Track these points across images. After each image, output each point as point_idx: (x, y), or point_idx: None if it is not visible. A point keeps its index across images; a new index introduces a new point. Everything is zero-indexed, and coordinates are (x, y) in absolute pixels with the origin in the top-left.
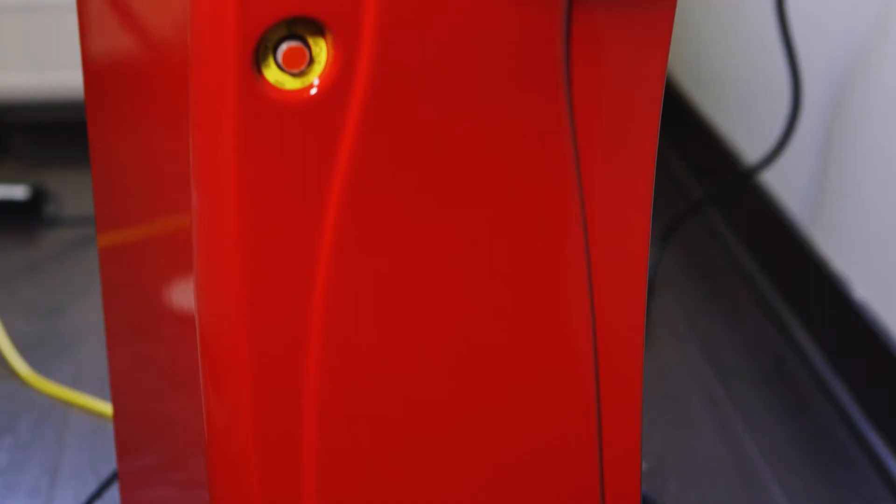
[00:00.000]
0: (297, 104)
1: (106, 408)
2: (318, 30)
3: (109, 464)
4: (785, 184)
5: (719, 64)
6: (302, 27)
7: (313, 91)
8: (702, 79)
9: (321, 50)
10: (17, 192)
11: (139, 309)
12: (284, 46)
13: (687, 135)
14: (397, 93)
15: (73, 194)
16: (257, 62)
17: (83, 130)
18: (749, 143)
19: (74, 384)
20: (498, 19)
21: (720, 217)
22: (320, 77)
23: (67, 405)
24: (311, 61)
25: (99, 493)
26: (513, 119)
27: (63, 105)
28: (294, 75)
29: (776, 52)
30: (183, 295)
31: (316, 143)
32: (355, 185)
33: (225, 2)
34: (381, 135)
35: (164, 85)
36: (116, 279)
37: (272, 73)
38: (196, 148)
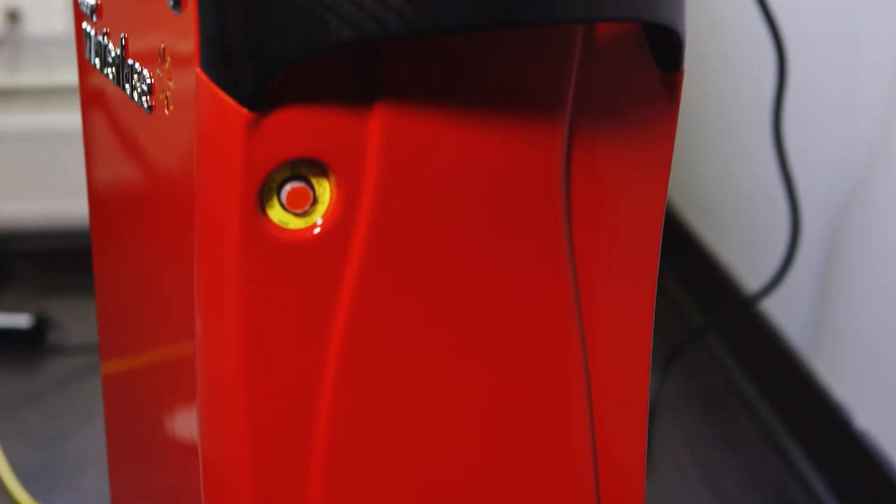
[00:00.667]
0: (301, 243)
1: None
2: (322, 170)
3: None
4: (785, 312)
5: (718, 191)
6: (305, 168)
7: (317, 230)
8: (701, 206)
9: (324, 190)
10: (20, 320)
11: (142, 438)
12: (288, 187)
13: (687, 262)
14: (399, 230)
15: (77, 322)
16: (261, 203)
17: (87, 258)
18: (749, 270)
19: None
20: (498, 157)
21: (721, 344)
22: (324, 216)
23: None
24: (315, 201)
25: None
26: (513, 252)
27: (67, 233)
28: (298, 215)
29: (775, 180)
30: (186, 425)
31: (319, 279)
32: (358, 321)
33: (230, 144)
34: (384, 270)
35: (169, 216)
36: (119, 408)
37: (276, 213)
38: (200, 284)
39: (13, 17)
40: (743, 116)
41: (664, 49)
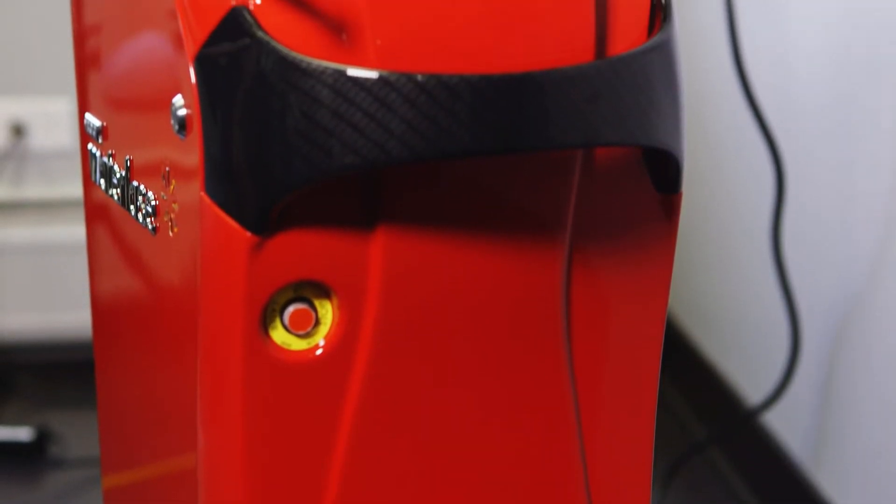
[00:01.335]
0: (303, 364)
1: None
2: (324, 292)
3: None
4: (787, 424)
5: (719, 304)
6: (308, 290)
7: (319, 351)
8: (702, 318)
9: (327, 312)
10: (21, 433)
11: None
12: (291, 309)
13: (688, 374)
14: (401, 350)
15: (78, 435)
16: (264, 324)
17: (89, 371)
18: (750, 382)
19: None
20: (499, 277)
21: (722, 457)
22: (326, 338)
23: None
24: (317, 322)
25: None
26: (514, 370)
27: (69, 346)
28: (300, 336)
29: (775, 294)
30: None
31: (321, 399)
32: (360, 440)
33: (233, 266)
34: (385, 390)
35: (172, 333)
36: None
37: (279, 335)
38: (203, 403)
39: (18, 131)
40: (742, 232)
41: (663, 172)
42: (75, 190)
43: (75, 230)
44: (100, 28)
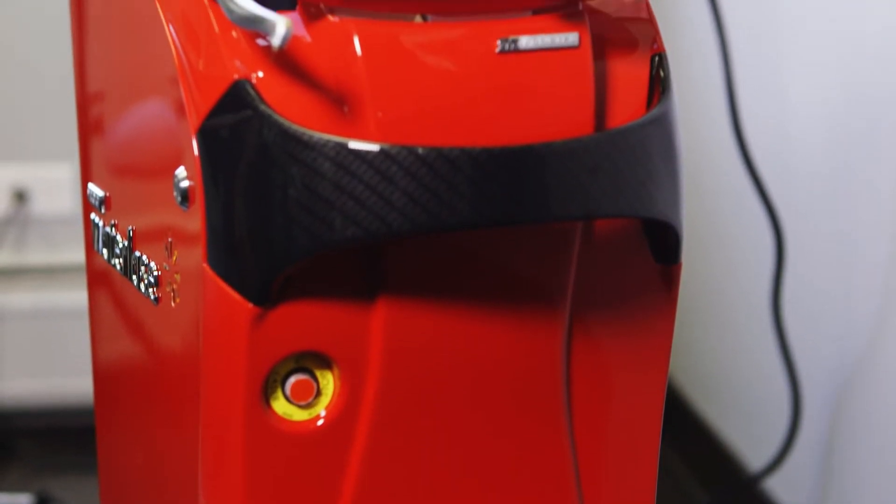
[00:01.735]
0: (305, 435)
1: None
2: (326, 363)
3: None
4: (789, 490)
5: (720, 370)
6: (310, 360)
7: (320, 422)
8: (703, 384)
9: (328, 382)
10: (21, 500)
11: None
12: (293, 379)
13: (689, 440)
14: (401, 421)
15: (79, 502)
16: (266, 395)
17: (91, 437)
18: (752, 447)
19: None
20: (500, 347)
21: None
22: (327, 408)
23: None
24: (319, 393)
25: None
26: (514, 437)
27: (71, 411)
28: (301, 407)
29: (775, 360)
30: None
31: (323, 469)
32: None
33: (235, 338)
34: (386, 459)
35: (174, 401)
36: None
37: (280, 406)
38: (205, 472)
39: (20, 197)
40: (742, 298)
41: (662, 243)
42: (77, 255)
43: (77, 296)
44: (103, 95)
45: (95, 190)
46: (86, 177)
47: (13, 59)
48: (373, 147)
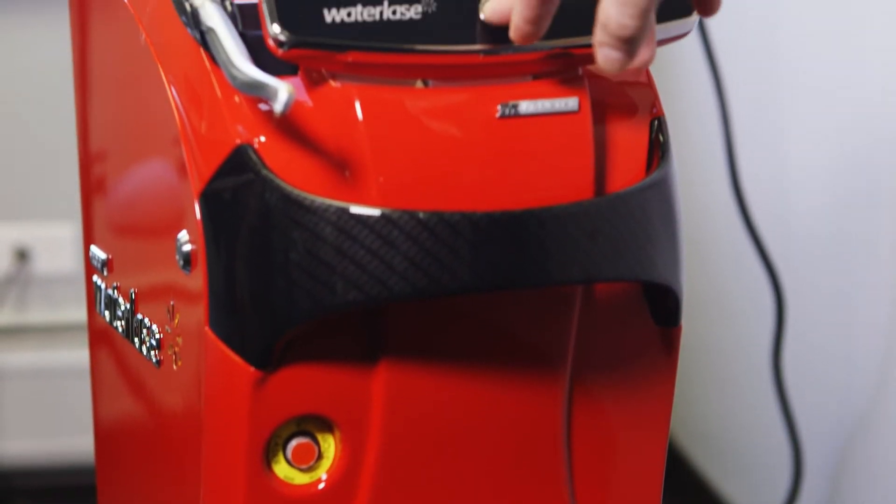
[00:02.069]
0: (306, 498)
1: None
2: (327, 426)
3: None
4: None
5: (721, 429)
6: (311, 424)
7: (321, 486)
8: (704, 443)
9: (330, 445)
10: None
11: None
12: (294, 443)
13: (691, 498)
14: (403, 483)
15: None
16: (267, 458)
17: (92, 496)
18: None
19: None
20: (500, 409)
21: None
22: (328, 472)
23: None
24: (320, 457)
25: None
26: (515, 499)
27: (72, 470)
28: (303, 470)
29: (776, 419)
30: None
31: None
32: None
33: (237, 401)
34: None
35: (176, 463)
36: None
37: (281, 469)
38: None
39: (22, 256)
40: (743, 357)
41: (662, 306)
42: (78, 314)
43: (78, 354)
44: (105, 154)
45: (98, 252)
46: (88, 238)
47: (15, 117)
48: (374, 212)
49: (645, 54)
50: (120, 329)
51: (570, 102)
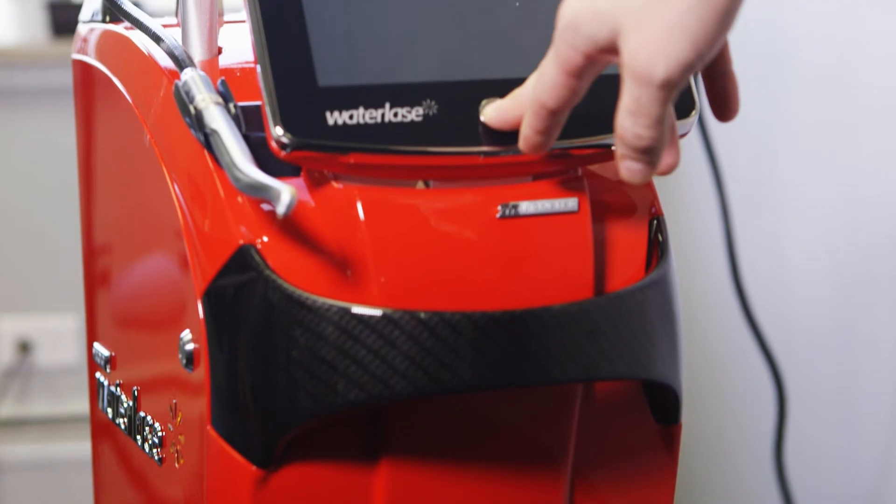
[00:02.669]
0: None
1: None
2: None
3: None
4: None
5: None
6: None
7: None
8: None
9: None
10: None
11: None
12: None
13: None
14: None
15: None
16: None
17: None
18: None
19: None
20: (502, 502)
21: None
22: None
23: None
24: None
25: None
26: None
27: None
28: None
29: None
30: None
31: None
32: None
33: (239, 499)
34: None
35: None
36: None
37: None
38: None
39: (24, 348)
40: (745, 449)
41: (662, 403)
42: (81, 406)
43: (81, 446)
44: (109, 248)
45: (101, 349)
46: (91, 336)
47: (17, 210)
48: (375, 312)
49: (669, 159)
50: (122, 426)
51: (569, 203)
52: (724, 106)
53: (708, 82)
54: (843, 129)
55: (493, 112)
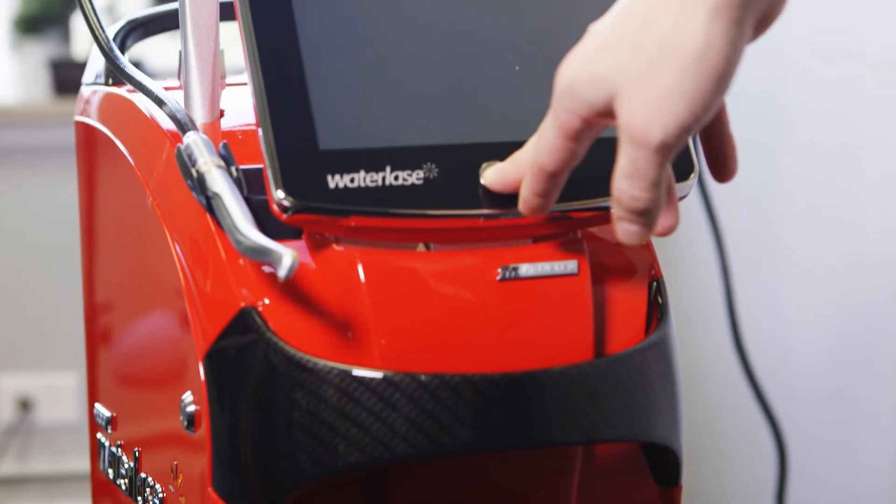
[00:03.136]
0: None
1: None
2: None
3: None
4: None
5: None
6: None
7: None
8: None
9: None
10: None
11: None
12: None
13: None
14: None
15: None
16: None
17: None
18: None
19: None
20: None
21: None
22: None
23: None
24: None
25: None
26: None
27: None
28: None
29: None
30: None
31: None
32: None
33: None
34: None
35: None
36: None
37: None
38: None
39: (25, 406)
40: None
41: (662, 465)
42: (81, 464)
43: None
44: (110, 306)
45: (102, 410)
46: (93, 396)
47: (18, 269)
48: (376, 374)
49: (668, 220)
50: (123, 487)
51: (569, 265)
52: (722, 167)
53: (706, 144)
54: (842, 189)
55: (493, 175)
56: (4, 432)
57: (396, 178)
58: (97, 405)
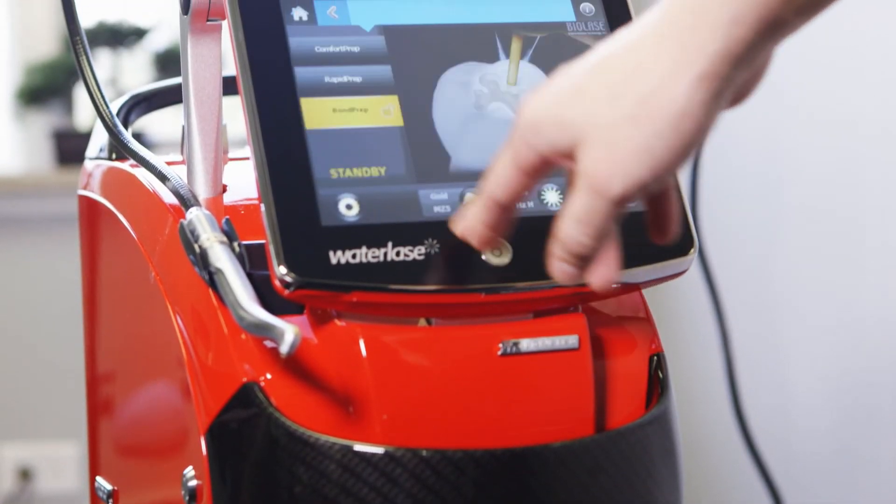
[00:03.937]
0: None
1: None
2: None
3: None
4: None
5: None
6: None
7: None
8: None
9: None
10: None
11: None
12: None
13: None
14: None
15: None
16: None
17: None
18: None
19: None
20: None
21: None
22: None
23: None
24: None
25: None
26: None
27: None
28: None
29: None
30: None
31: None
32: None
33: None
34: None
35: None
36: None
37: None
38: None
39: (25, 475)
40: None
41: None
42: None
43: None
44: (112, 378)
45: (103, 483)
46: (94, 469)
47: (19, 338)
48: (377, 450)
49: (606, 274)
50: None
51: (570, 340)
52: (662, 227)
53: (648, 202)
54: (841, 257)
55: (462, 224)
56: (5, 501)
57: (398, 253)
58: (98, 478)
